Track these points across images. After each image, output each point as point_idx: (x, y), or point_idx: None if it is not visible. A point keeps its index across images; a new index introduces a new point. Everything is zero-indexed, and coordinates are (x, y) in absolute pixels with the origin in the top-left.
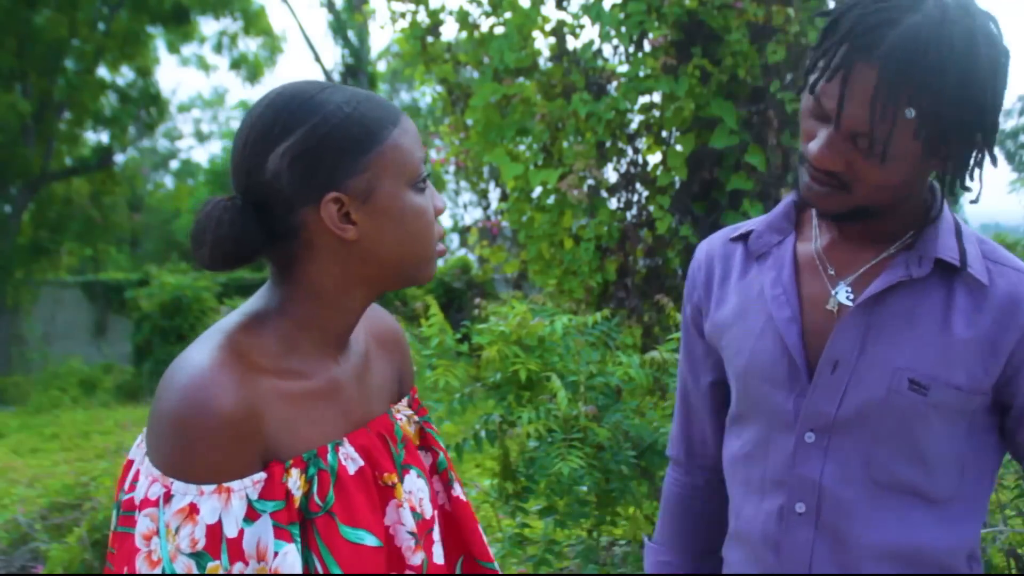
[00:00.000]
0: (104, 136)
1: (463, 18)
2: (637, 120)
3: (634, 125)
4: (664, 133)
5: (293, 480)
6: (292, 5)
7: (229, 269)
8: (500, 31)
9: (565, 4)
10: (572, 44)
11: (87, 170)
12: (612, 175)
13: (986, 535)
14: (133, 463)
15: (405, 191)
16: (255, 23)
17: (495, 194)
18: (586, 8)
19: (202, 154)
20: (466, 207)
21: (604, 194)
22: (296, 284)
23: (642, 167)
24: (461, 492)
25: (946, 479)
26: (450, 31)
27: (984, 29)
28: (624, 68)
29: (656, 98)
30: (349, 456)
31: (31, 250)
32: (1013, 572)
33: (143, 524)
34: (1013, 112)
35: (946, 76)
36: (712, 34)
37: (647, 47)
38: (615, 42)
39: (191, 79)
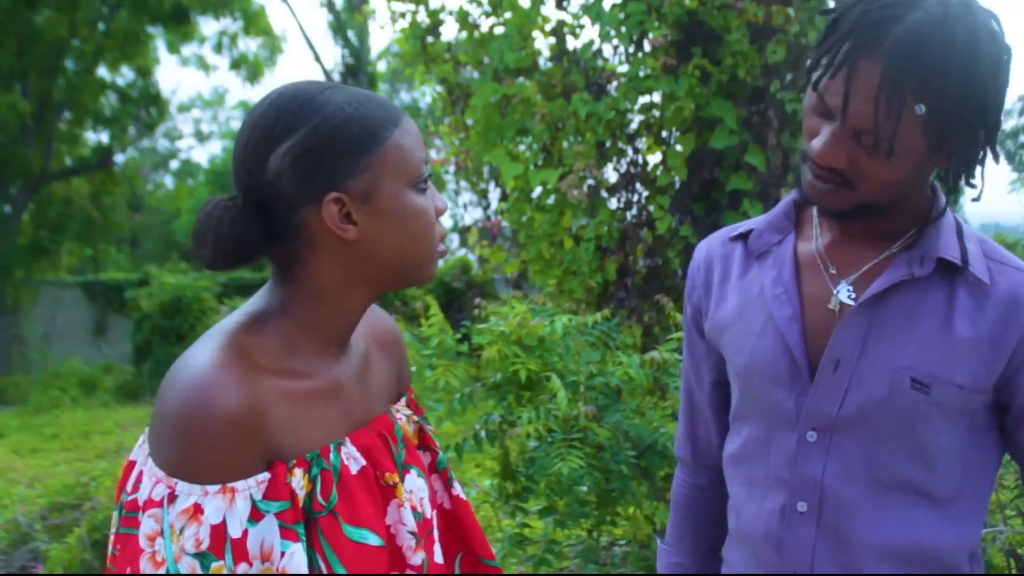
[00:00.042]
0: (104, 136)
1: (463, 18)
2: (637, 120)
3: (634, 125)
4: (664, 133)
5: (297, 480)
6: (292, 5)
7: (230, 269)
8: (500, 31)
9: (565, 4)
10: (572, 44)
11: (87, 170)
12: (612, 175)
13: (986, 535)
14: (135, 464)
15: (406, 191)
16: (255, 23)
17: (495, 194)
18: (586, 8)
19: (202, 154)
20: (466, 207)
21: (604, 194)
22: (297, 284)
23: (642, 167)
24: (461, 491)
25: (948, 478)
26: (450, 31)
27: (986, 26)
28: (624, 68)
29: (656, 98)
30: (351, 456)
31: (31, 250)
32: (1013, 572)
33: (147, 525)
34: (1013, 112)
35: (949, 72)
36: (712, 34)
37: (647, 47)
38: (615, 42)
39: (191, 79)
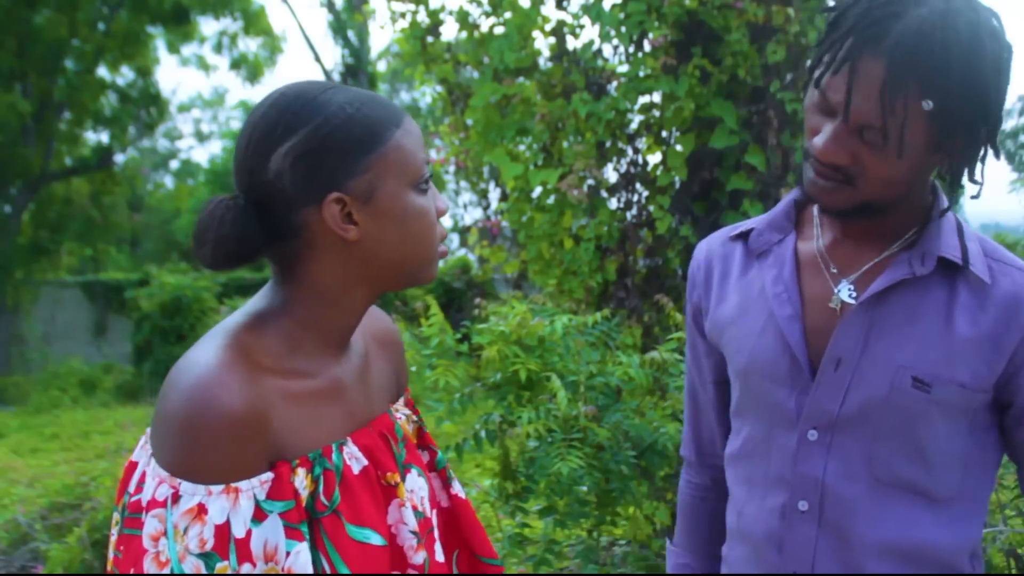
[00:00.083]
0: (104, 136)
1: (463, 18)
2: (637, 120)
3: (634, 125)
4: (664, 133)
5: (300, 479)
6: (292, 5)
7: (231, 268)
8: (500, 31)
9: (565, 4)
10: (572, 44)
11: (87, 170)
12: (612, 175)
13: (986, 535)
14: (137, 465)
15: (407, 192)
16: (255, 23)
17: (495, 194)
18: (586, 8)
19: (202, 154)
20: (466, 207)
21: (604, 194)
22: (298, 284)
23: (642, 167)
24: (459, 490)
25: (948, 477)
26: (450, 31)
27: (988, 23)
28: (624, 68)
29: (656, 98)
30: (353, 456)
31: (31, 250)
32: (1013, 572)
33: (151, 525)
34: (1013, 112)
35: (951, 69)
36: (712, 34)
37: (647, 47)
38: (615, 42)
39: (191, 79)
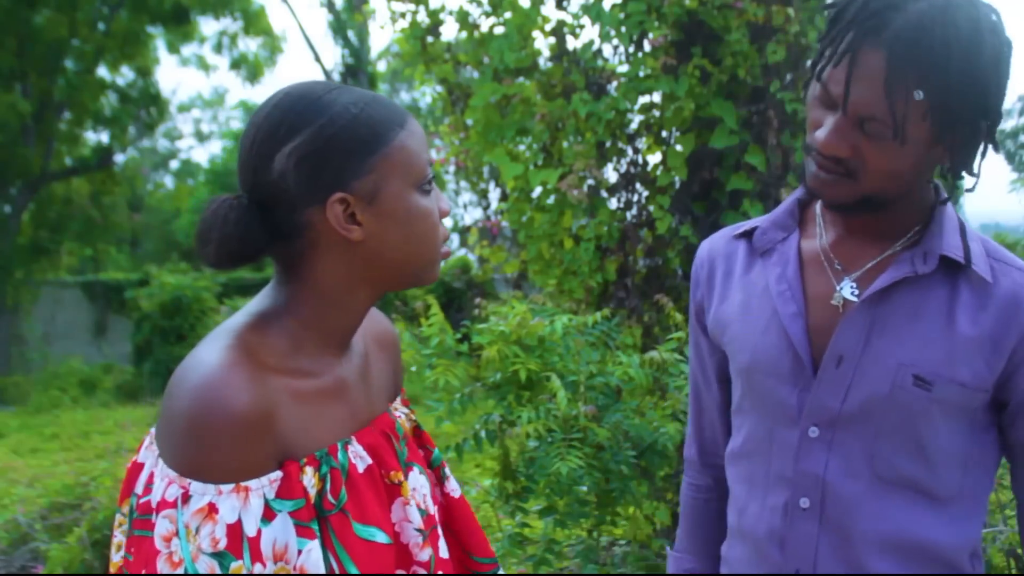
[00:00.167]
0: (104, 136)
1: (463, 18)
2: (637, 120)
3: (634, 125)
4: (664, 133)
5: (308, 478)
6: (292, 5)
7: (234, 268)
8: (500, 31)
9: (565, 4)
10: (572, 44)
11: (87, 170)
12: (612, 175)
13: (986, 535)
14: (143, 466)
15: (411, 193)
16: (255, 23)
17: (495, 194)
18: (586, 8)
19: (202, 154)
20: (466, 207)
21: (604, 194)
22: (301, 284)
23: (642, 167)
24: (454, 488)
25: (948, 476)
26: (450, 31)
27: (987, 19)
28: (624, 68)
29: (656, 98)
30: (358, 454)
31: (31, 250)
32: (1013, 572)
33: (162, 526)
34: (1013, 112)
35: (951, 61)
36: (712, 34)
37: (647, 47)
38: (615, 42)
39: (191, 79)
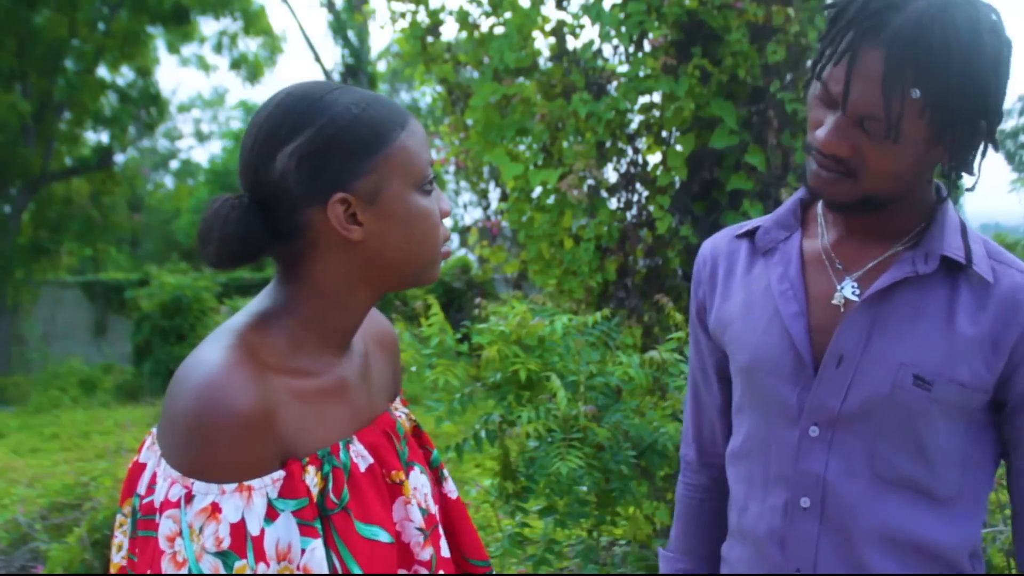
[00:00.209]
0: (104, 136)
1: (463, 18)
2: (637, 120)
3: (634, 125)
4: (664, 133)
5: (310, 477)
6: (292, 5)
7: (235, 267)
8: (500, 31)
9: (565, 4)
10: (572, 44)
11: (87, 170)
12: (612, 175)
13: (986, 535)
14: (144, 466)
15: (411, 193)
16: (255, 23)
17: (495, 194)
18: (586, 8)
19: (202, 154)
20: (466, 207)
21: (604, 194)
22: (302, 283)
23: (642, 167)
24: (451, 489)
25: (948, 476)
26: (450, 31)
27: (987, 18)
28: (624, 68)
29: (656, 98)
30: (359, 454)
31: (31, 250)
32: (1013, 572)
33: (166, 526)
34: (1013, 112)
35: (951, 60)
36: (712, 34)
37: (647, 47)
38: (615, 42)
39: (191, 79)
